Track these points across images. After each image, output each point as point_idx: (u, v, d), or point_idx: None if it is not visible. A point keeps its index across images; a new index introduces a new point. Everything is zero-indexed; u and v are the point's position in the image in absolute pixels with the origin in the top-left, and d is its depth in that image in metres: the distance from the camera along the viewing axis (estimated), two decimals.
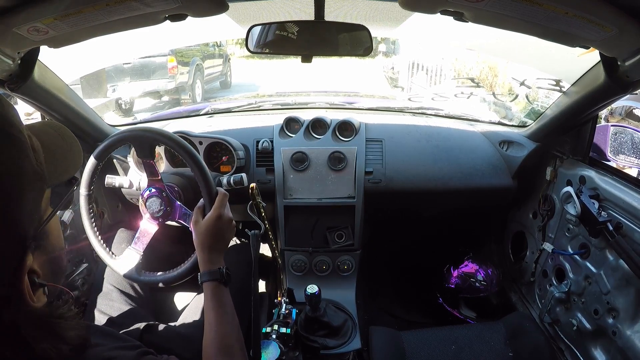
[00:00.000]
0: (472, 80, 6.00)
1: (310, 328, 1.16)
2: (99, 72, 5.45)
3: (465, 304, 1.55)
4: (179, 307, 1.15)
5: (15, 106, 0.43)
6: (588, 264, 1.14)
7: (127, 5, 0.70)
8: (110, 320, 0.98)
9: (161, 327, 0.97)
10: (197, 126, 1.51)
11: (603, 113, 3.28)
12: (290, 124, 1.47)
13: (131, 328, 0.95)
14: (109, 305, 1.02)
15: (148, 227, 1.00)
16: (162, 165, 1.34)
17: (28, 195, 0.38)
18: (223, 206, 0.83)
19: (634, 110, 3.25)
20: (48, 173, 0.42)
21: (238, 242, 1.44)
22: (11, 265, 0.36)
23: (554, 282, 1.30)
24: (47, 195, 0.43)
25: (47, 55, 0.96)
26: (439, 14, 0.74)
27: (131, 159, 1.34)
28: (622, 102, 3.32)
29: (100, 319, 0.99)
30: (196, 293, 1.08)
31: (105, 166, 1.07)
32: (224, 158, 1.37)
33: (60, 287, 0.45)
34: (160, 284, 0.97)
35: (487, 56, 5.93)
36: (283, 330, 1.02)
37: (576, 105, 1.11)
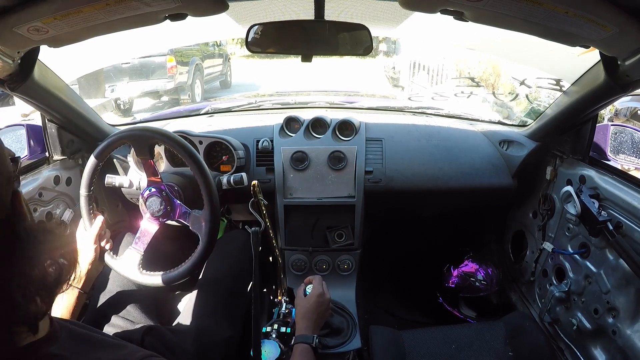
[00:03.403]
0: (473, 79, 5.99)
1: None
2: (97, 72, 5.44)
3: (465, 304, 1.55)
4: (179, 307, 1.15)
5: (14, 107, 0.46)
6: (588, 264, 1.14)
7: (127, 4, 0.70)
8: (113, 320, 0.98)
9: (162, 329, 0.97)
10: (197, 126, 1.51)
11: (608, 114, 3.29)
12: (290, 124, 1.47)
13: (133, 329, 0.95)
14: (113, 305, 1.02)
15: (148, 226, 1.00)
16: (162, 165, 1.34)
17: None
18: (322, 286, 1.03)
19: (639, 112, 3.26)
20: None
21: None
22: (8, 189, 0.44)
23: (554, 281, 1.31)
24: None
25: (46, 55, 0.96)
26: (438, 13, 0.74)
27: (131, 159, 1.34)
28: (627, 104, 3.33)
29: (102, 319, 0.99)
30: (196, 293, 1.08)
31: (105, 166, 1.07)
32: (224, 157, 1.37)
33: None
34: (161, 283, 0.97)
35: (489, 56, 5.93)
36: (283, 329, 1.02)
37: (576, 105, 1.11)
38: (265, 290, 1.55)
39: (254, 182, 1.09)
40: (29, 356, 0.42)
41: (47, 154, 1.26)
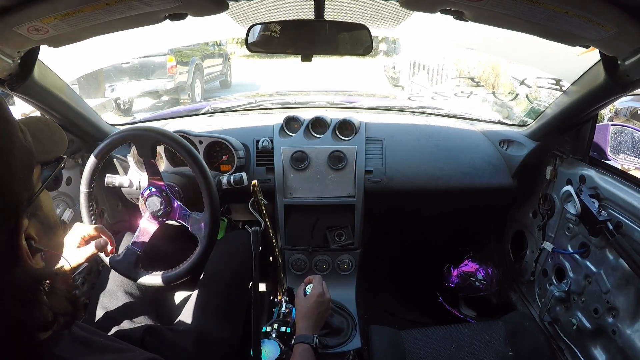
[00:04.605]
0: (473, 79, 5.99)
1: None
2: (97, 72, 5.44)
3: (465, 303, 1.55)
4: (179, 307, 1.15)
5: (13, 107, 0.46)
6: (588, 263, 1.14)
7: (127, 4, 0.70)
8: (113, 319, 0.98)
9: (162, 328, 0.97)
10: (197, 125, 1.51)
11: (608, 114, 3.29)
12: (290, 123, 1.47)
13: (132, 328, 0.95)
14: (113, 304, 1.02)
15: (148, 226, 1.00)
16: (162, 165, 1.34)
17: (19, 164, 0.42)
18: (322, 286, 1.02)
19: (638, 111, 3.26)
20: (37, 151, 0.47)
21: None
22: (8, 224, 0.41)
23: (554, 281, 1.31)
24: (37, 171, 0.47)
25: (46, 55, 0.96)
26: (438, 13, 0.74)
27: (131, 158, 1.34)
28: (627, 104, 3.33)
29: (103, 318, 0.99)
30: (196, 292, 1.08)
31: (105, 165, 1.07)
32: (223, 157, 1.37)
33: (55, 253, 0.49)
34: (159, 283, 0.97)
35: (489, 56, 5.93)
36: (283, 329, 1.02)
37: (576, 105, 1.11)
38: (265, 290, 1.56)
39: (254, 182, 1.09)
40: (32, 356, 0.42)
41: None
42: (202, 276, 1.12)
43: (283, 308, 1.11)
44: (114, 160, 1.38)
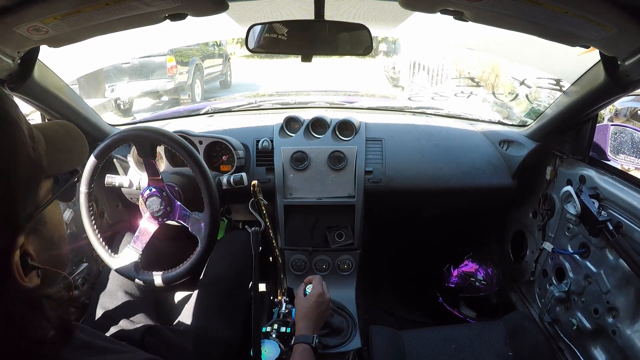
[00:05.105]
0: (473, 79, 6.00)
1: None
2: (97, 72, 5.44)
3: (465, 304, 1.55)
4: (179, 307, 1.15)
5: None
6: (588, 264, 1.14)
7: (127, 4, 0.71)
8: (113, 319, 0.98)
9: (162, 328, 0.97)
10: (197, 126, 1.51)
11: (608, 114, 3.29)
12: (290, 124, 1.47)
13: (132, 328, 0.95)
14: (113, 304, 1.02)
15: (148, 226, 1.00)
16: (162, 165, 1.34)
17: (21, 178, 0.39)
18: (322, 286, 1.03)
19: (639, 112, 3.26)
20: (49, 163, 0.43)
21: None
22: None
23: (554, 281, 1.31)
24: (47, 184, 0.44)
25: (46, 55, 0.96)
26: (438, 13, 0.74)
27: (131, 159, 1.34)
28: (627, 104, 3.33)
29: (102, 318, 0.99)
30: (196, 292, 1.08)
31: (105, 166, 1.07)
32: (223, 157, 1.37)
33: (55, 271, 0.45)
34: (159, 284, 0.97)
35: (489, 56, 5.93)
36: (283, 329, 1.02)
37: (576, 105, 1.11)
38: (265, 290, 1.56)
39: (254, 182, 1.10)
40: (32, 356, 0.42)
41: None
42: (202, 276, 1.12)
43: (283, 308, 1.11)
44: (114, 160, 1.38)
